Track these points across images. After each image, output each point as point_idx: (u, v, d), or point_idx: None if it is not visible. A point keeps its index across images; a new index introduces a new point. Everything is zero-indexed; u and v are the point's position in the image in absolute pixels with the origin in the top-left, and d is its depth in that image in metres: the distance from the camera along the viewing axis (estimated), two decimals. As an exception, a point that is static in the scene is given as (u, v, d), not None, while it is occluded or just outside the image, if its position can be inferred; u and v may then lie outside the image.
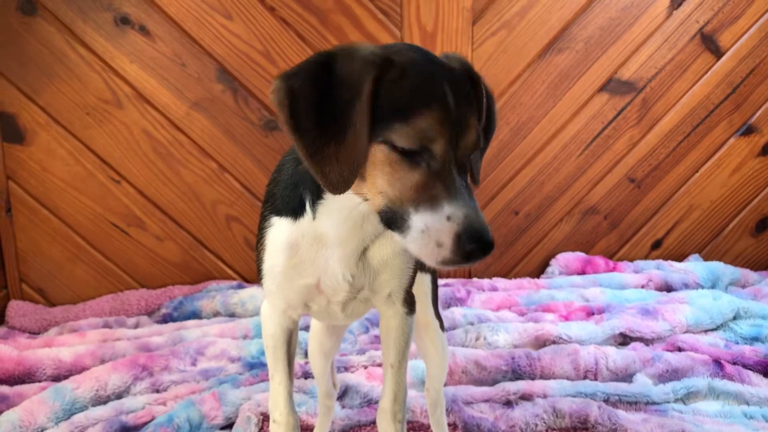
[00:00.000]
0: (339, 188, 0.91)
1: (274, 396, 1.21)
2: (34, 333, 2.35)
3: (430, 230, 0.89)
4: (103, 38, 2.38)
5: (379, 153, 0.91)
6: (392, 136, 0.89)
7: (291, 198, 1.07)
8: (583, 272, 2.64)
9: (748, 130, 2.68)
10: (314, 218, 1.05)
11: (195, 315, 2.38)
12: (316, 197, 1.04)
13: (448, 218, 0.89)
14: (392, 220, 0.93)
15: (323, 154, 0.88)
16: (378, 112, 0.89)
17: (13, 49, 2.36)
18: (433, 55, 0.97)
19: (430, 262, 0.91)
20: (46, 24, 2.36)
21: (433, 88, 0.90)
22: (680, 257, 2.77)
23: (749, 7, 2.56)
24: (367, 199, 0.96)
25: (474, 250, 0.88)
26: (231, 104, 2.48)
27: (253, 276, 2.62)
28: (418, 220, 0.90)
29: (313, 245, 1.08)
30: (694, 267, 2.56)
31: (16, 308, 2.43)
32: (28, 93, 2.40)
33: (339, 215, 1.04)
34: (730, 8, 2.55)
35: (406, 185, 0.91)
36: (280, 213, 1.09)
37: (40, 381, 1.94)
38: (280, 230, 1.09)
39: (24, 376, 1.94)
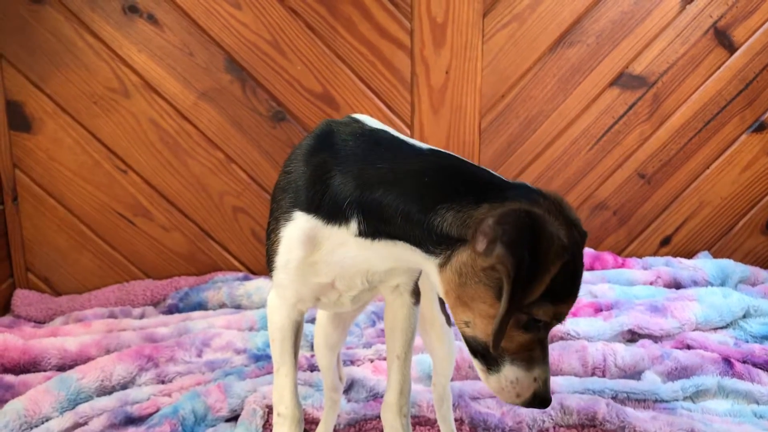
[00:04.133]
0: (498, 347, 0.97)
1: (279, 389, 1.19)
2: (39, 322, 2.34)
3: (518, 384, 1.02)
4: (111, 27, 2.37)
5: (513, 316, 0.97)
6: (538, 312, 0.97)
7: (323, 201, 1.04)
8: (591, 268, 2.61)
9: (760, 127, 2.65)
10: (358, 235, 1.04)
11: (201, 306, 2.37)
12: (382, 234, 1.03)
13: (535, 379, 1.02)
14: (482, 354, 1.02)
15: (508, 317, 0.94)
16: None
17: (21, 36, 2.35)
18: (579, 231, 1.01)
19: (504, 400, 1.04)
20: (54, 12, 2.34)
21: (578, 280, 1.00)
22: (689, 254, 2.74)
23: (764, 2, 2.53)
24: (466, 326, 1.01)
25: (536, 405, 1.03)
26: (239, 95, 2.47)
27: (259, 268, 2.61)
28: (512, 371, 1.01)
29: (336, 248, 1.06)
30: (704, 264, 2.53)
31: (21, 297, 2.43)
32: (35, 81, 2.39)
33: (393, 254, 1.05)
34: (744, 3, 2.52)
35: (514, 341, 1.00)
36: (305, 209, 1.05)
37: (45, 370, 1.93)
38: (302, 226, 1.06)
39: (29, 366, 1.94)
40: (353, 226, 1.03)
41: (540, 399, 1.02)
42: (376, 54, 2.47)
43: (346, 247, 1.05)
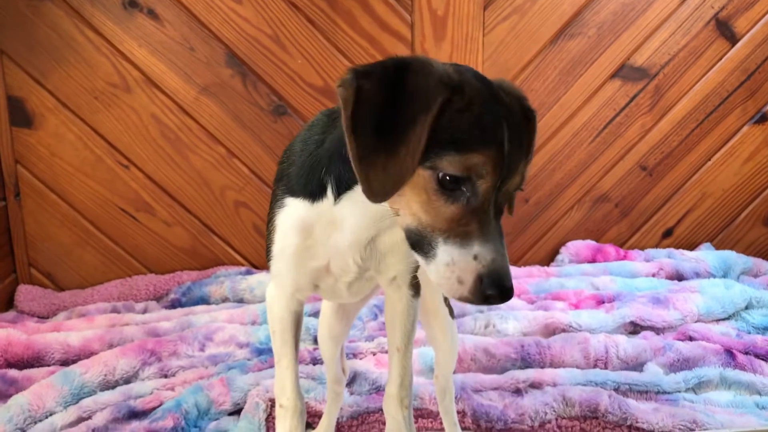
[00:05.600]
0: (378, 198, 0.90)
1: (280, 380, 1.20)
2: (42, 317, 2.35)
3: (455, 265, 0.90)
4: (111, 22, 2.37)
5: (421, 177, 0.90)
6: (442, 163, 0.88)
7: (308, 180, 1.06)
8: (593, 260, 2.62)
9: (762, 118, 2.65)
10: (335, 203, 1.04)
11: (203, 300, 2.37)
12: (345, 186, 1.02)
13: (475, 257, 0.89)
14: (418, 242, 0.94)
15: (372, 161, 0.88)
16: (433, 136, 0.88)
17: (22, 32, 2.35)
18: (496, 90, 0.95)
19: (448, 294, 0.92)
20: (54, 7, 2.34)
21: (493, 128, 0.90)
22: (692, 246, 2.74)
23: (765, -7, 2.53)
24: (398, 215, 0.96)
25: (493, 295, 0.89)
26: (240, 89, 2.47)
27: (261, 262, 2.61)
28: (445, 252, 0.91)
29: (327, 228, 1.07)
30: (706, 256, 2.53)
31: (24, 292, 2.43)
32: (36, 77, 2.39)
33: (363, 207, 1.02)
34: (745, -7, 2.52)
35: (441, 215, 0.91)
36: (295, 194, 1.08)
37: (48, 365, 1.94)
38: (294, 211, 1.08)
39: (33, 360, 1.94)
40: (329, 194, 1.04)
41: (490, 284, 0.89)
42: (376, 47, 2.47)
43: (334, 225, 1.06)
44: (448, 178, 0.89)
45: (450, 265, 0.90)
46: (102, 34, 2.38)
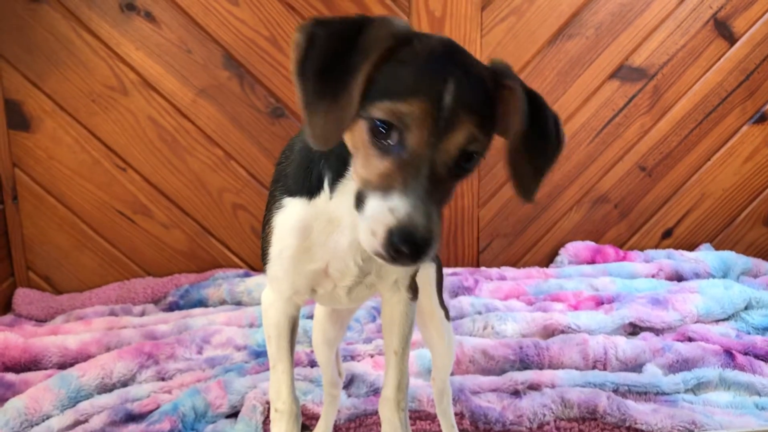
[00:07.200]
0: (319, 143, 0.90)
1: (276, 385, 1.19)
2: (40, 321, 2.34)
3: (372, 217, 0.88)
4: (108, 24, 2.37)
5: (359, 131, 0.91)
6: (374, 110, 0.88)
7: (306, 177, 1.05)
8: (592, 261, 2.61)
9: (762, 118, 2.64)
10: (331, 197, 1.03)
11: (201, 303, 2.37)
12: (337, 175, 1.02)
13: (390, 210, 0.86)
14: (358, 201, 0.93)
15: (316, 107, 0.89)
16: (374, 86, 0.89)
17: (19, 35, 2.35)
18: (462, 55, 0.95)
19: (366, 248, 0.89)
20: (51, 10, 2.34)
21: (432, 79, 0.88)
22: (691, 246, 2.73)
23: (764, -8, 2.52)
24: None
25: (402, 251, 0.85)
26: (237, 91, 2.46)
27: (259, 264, 2.59)
28: (369, 205, 0.89)
29: (325, 228, 1.06)
30: (706, 256, 2.53)
31: (22, 296, 2.43)
32: (33, 80, 2.39)
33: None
34: (744, -7, 2.51)
35: (374, 170, 0.90)
36: (293, 193, 1.07)
37: (45, 368, 1.93)
38: (292, 212, 1.07)
39: (30, 364, 1.94)
40: (326, 186, 1.03)
41: (400, 239, 0.84)
42: (374, 49, 2.46)
43: (333, 225, 1.05)
44: (378, 125, 0.89)
45: (369, 218, 0.88)
46: (99, 36, 2.38)
